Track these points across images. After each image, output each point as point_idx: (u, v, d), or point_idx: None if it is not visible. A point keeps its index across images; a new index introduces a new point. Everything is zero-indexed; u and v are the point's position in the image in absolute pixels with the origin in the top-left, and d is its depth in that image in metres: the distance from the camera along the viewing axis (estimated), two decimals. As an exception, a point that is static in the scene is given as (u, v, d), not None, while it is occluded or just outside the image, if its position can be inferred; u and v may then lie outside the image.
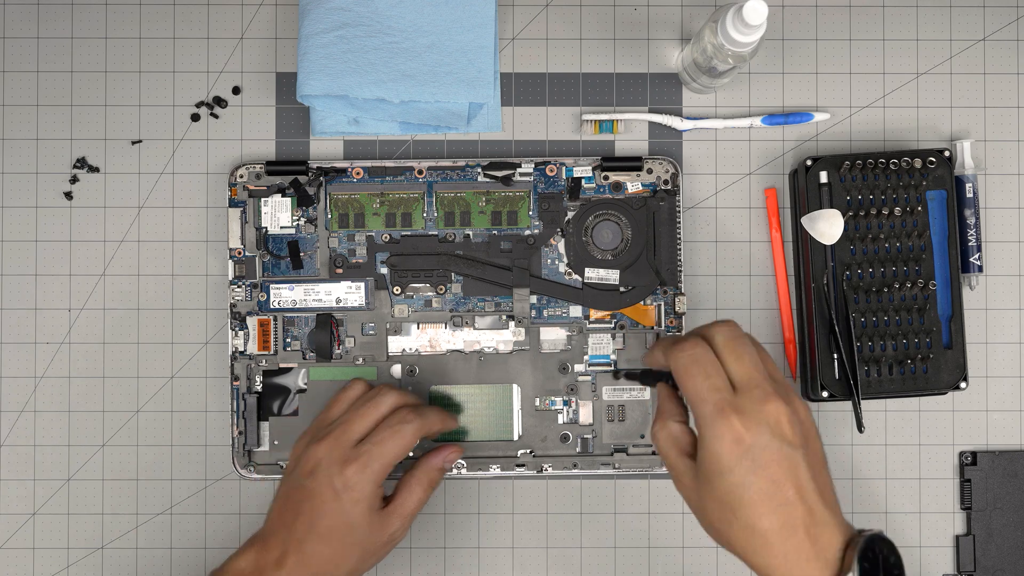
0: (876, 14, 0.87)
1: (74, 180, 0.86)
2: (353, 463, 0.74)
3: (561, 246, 0.85)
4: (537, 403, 0.85)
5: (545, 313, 0.85)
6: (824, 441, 0.85)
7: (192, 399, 0.86)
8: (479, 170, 0.85)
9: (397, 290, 0.85)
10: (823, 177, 0.83)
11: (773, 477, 0.65)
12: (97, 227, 0.86)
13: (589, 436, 0.85)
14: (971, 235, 0.85)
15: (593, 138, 0.87)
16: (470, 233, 0.85)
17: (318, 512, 0.74)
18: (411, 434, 0.76)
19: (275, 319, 0.85)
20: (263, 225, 0.85)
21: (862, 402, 0.82)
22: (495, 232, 0.85)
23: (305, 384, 0.85)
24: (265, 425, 0.85)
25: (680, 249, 0.85)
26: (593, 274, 0.85)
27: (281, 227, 0.85)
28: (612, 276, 0.85)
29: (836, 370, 0.83)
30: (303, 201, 0.85)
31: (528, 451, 0.85)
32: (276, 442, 0.85)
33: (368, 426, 0.76)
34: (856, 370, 0.82)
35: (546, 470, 0.84)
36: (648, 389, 0.85)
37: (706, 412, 0.65)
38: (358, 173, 0.85)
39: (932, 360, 0.82)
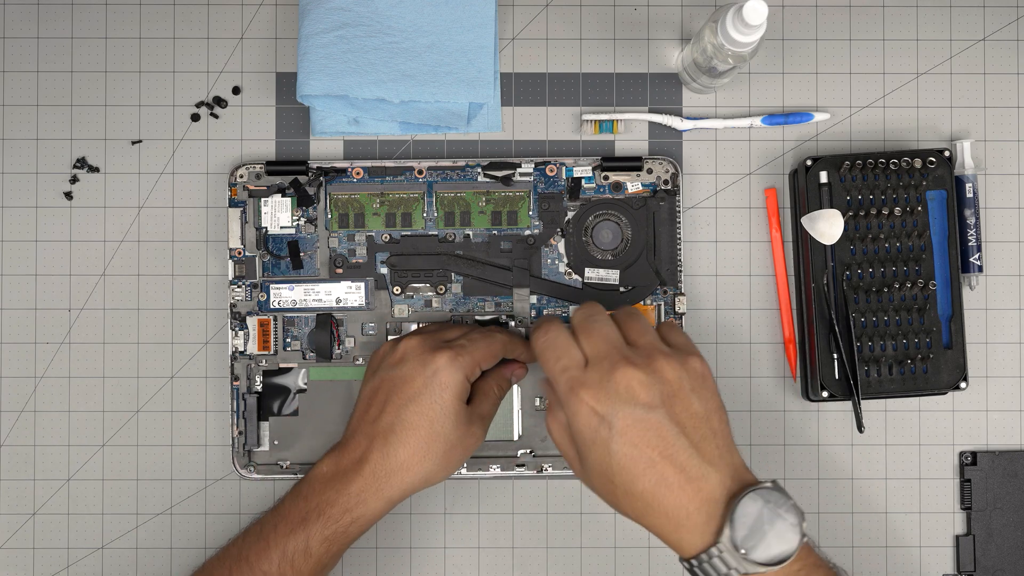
0: (876, 14, 0.87)
1: (74, 180, 0.86)
2: (445, 351, 0.74)
3: (561, 246, 0.85)
4: (537, 403, 0.85)
5: (545, 313, 0.85)
6: (824, 441, 0.86)
7: (192, 399, 0.86)
8: (479, 170, 0.85)
9: (397, 290, 0.85)
10: (823, 177, 0.83)
11: (634, 441, 0.66)
12: (97, 227, 0.86)
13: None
14: (971, 235, 0.85)
15: (593, 138, 0.87)
16: (470, 233, 0.85)
17: (407, 396, 0.73)
18: (500, 342, 0.77)
19: (275, 319, 0.85)
20: (263, 225, 0.85)
21: (862, 402, 0.82)
22: (495, 232, 0.85)
23: (305, 384, 0.85)
24: (265, 425, 0.85)
25: (680, 249, 0.85)
26: (593, 274, 0.85)
27: (281, 227, 0.85)
28: (612, 276, 0.85)
29: (836, 370, 0.83)
30: (303, 201, 0.85)
31: (528, 451, 0.85)
32: (276, 442, 0.85)
33: (460, 333, 0.77)
34: (856, 370, 0.82)
35: (546, 470, 0.84)
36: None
37: (561, 392, 0.68)
38: (358, 173, 0.85)
39: (932, 360, 0.82)
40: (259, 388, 0.85)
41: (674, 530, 0.67)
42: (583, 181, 0.85)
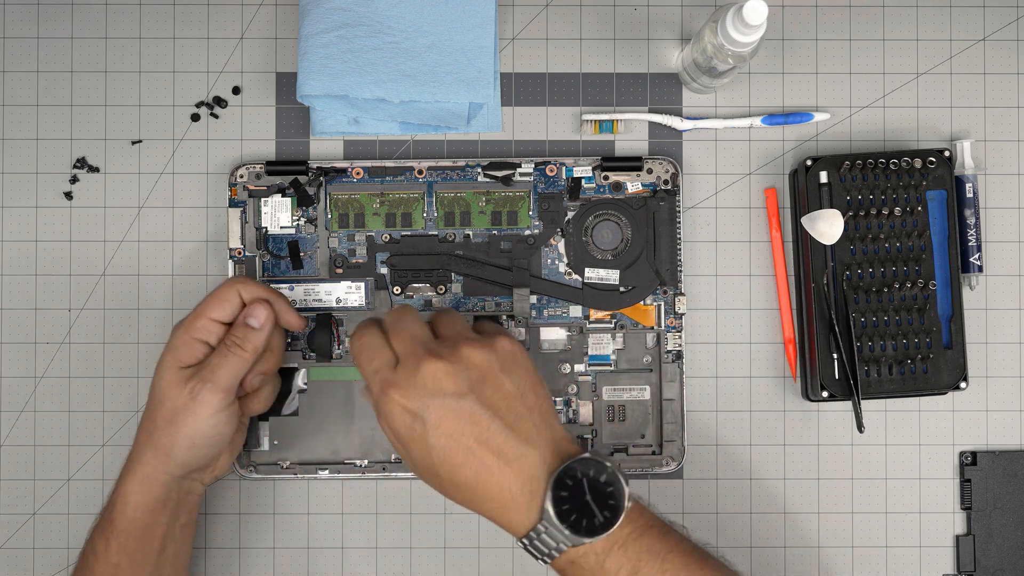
0: (876, 14, 0.87)
1: (74, 180, 0.86)
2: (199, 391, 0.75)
3: (561, 246, 0.85)
4: (537, 403, 0.85)
5: (545, 313, 0.85)
6: (824, 441, 0.86)
7: (192, 399, 0.86)
8: (479, 170, 0.85)
9: (397, 290, 0.85)
10: (823, 177, 0.83)
11: (448, 432, 0.67)
12: (97, 227, 0.86)
13: (589, 436, 0.85)
14: (971, 235, 0.85)
15: (593, 138, 0.87)
16: (470, 233, 0.85)
17: (154, 403, 0.76)
18: (251, 353, 0.76)
19: (275, 319, 0.84)
20: (263, 225, 0.85)
21: (862, 402, 0.82)
22: (495, 232, 0.85)
23: (305, 384, 0.85)
24: (265, 425, 0.85)
25: (680, 249, 0.85)
26: (593, 274, 0.85)
27: (281, 227, 0.85)
28: (612, 276, 0.85)
29: (836, 370, 0.83)
30: (303, 201, 0.85)
31: (528, 451, 0.85)
32: (276, 442, 0.85)
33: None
34: (856, 370, 0.82)
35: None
36: (647, 388, 0.84)
37: (375, 395, 0.68)
38: (358, 173, 0.85)
39: (932, 360, 0.82)
40: (259, 388, 0.85)
41: (503, 513, 0.68)
42: (583, 181, 0.85)
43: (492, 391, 0.68)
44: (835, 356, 0.83)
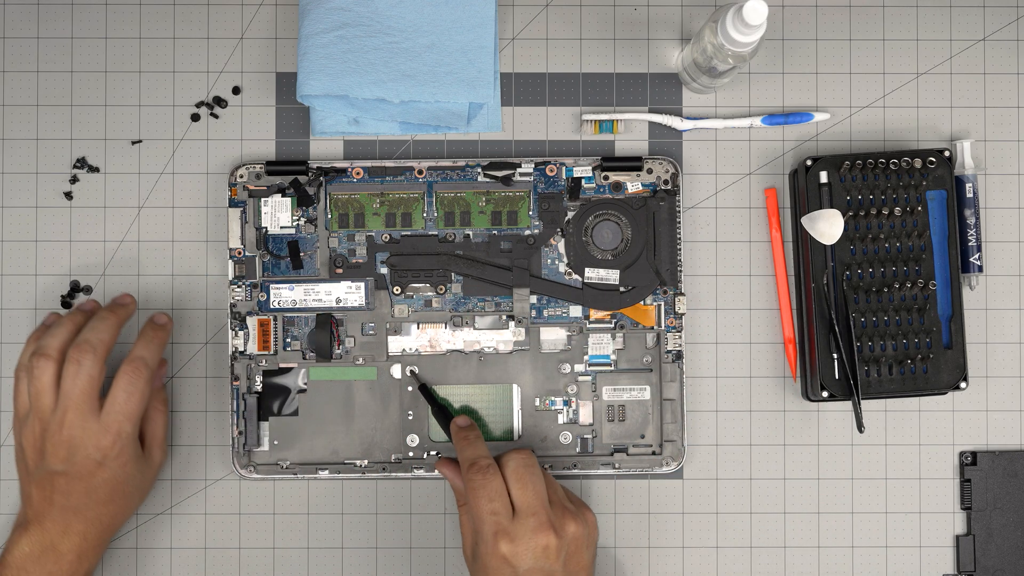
0: (876, 14, 0.87)
1: (74, 180, 0.86)
2: (107, 435, 0.77)
3: (561, 246, 0.85)
4: (537, 403, 0.85)
5: (545, 313, 0.85)
6: (824, 441, 0.86)
7: (192, 399, 0.86)
8: (479, 170, 0.85)
9: (397, 290, 0.85)
10: (823, 177, 0.83)
11: None
12: (97, 227, 0.86)
13: (589, 436, 0.85)
14: (971, 235, 0.85)
15: (593, 138, 0.87)
16: (470, 233, 0.85)
17: (91, 486, 0.77)
18: (145, 383, 0.79)
19: (275, 319, 0.85)
20: (263, 225, 0.85)
21: (862, 402, 0.82)
22: (495, 232, 0.85)
23: (305, 384, 0.85)
24: (265, 425, 0.85)
25: (680, 249, 0.85)
26: (593, 274, 0.85)
27: (281, 227, 0.85)
28: (612, 276, 0.85)
29: (836, 370, 0.83)
30: (303, 201, 0.85)
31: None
32: (276, 442, 0.85)
33: (52, 392, 0.78)
34: (856, 370, 0.82)
35: (546, 470, 0.84)
36: (647, 388, 0.84)
37: (484, 532, 0.75)
38: (358, 173, 0.85)
39: (932, 360, 0.82)
40: (259, 388, 0.85)
41: None
42: (583, 181, 0.85)
43: (574, 563, 0.76)
44: (835, 356, 0.83)
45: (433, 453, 0.85)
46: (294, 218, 0.85)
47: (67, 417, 0.77)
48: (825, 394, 0.82)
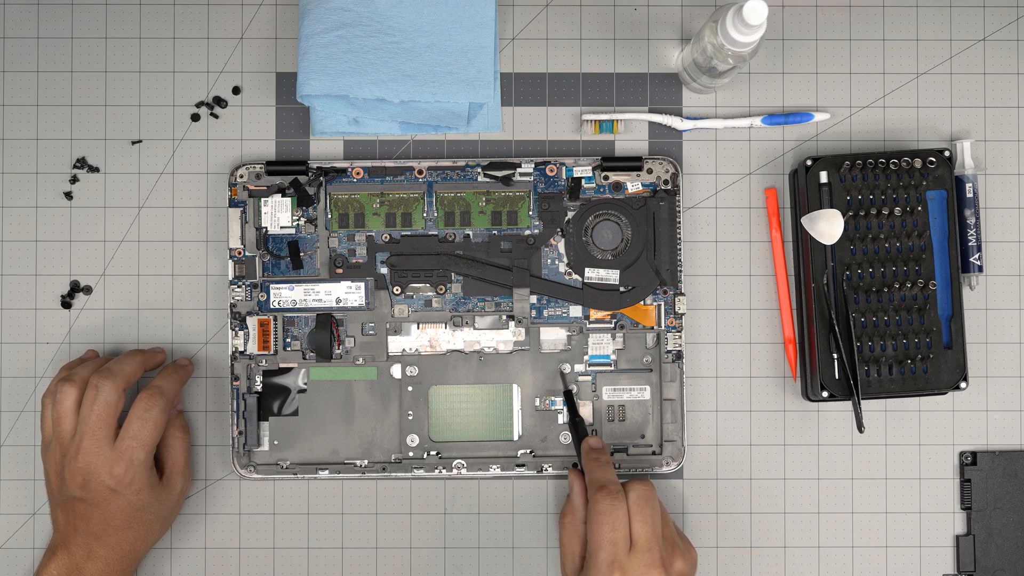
0: (876, 14, 0.87)
1: (74, 180, 0.86)
2: (120, 462, 0.78)
3: (561, 246, 0.85)
4: (537, 403, 0.85)
5: (545, 313, 0.85)
6: (824, 441, 0.86)
7: (192, 399, 0.86)
8: (479, 170, 0.85)
9: (397, 290, 0.85)
10: (823, 177, 0.83)
11: None
12: (97, 227, 0.86)
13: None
14: (971, 235, 0.85)
15: (593, 138, 0.87)
16: (470, 233, 0.85)
17: (108, 513, 0.78)
18: (160, 411, 0.80)
19: (275, 319, 0.85)
20: (263, 225, 0.85)
21: (862, 402, 0.82)
22: (495, 232, 0.85)
23: (305, 384, 0.85)
24: (265, 425, 0.85)
25: (680, 249, 0.85)
26: (593, 274, 0.85)
27: (281, 227, 0.85)
28: (612, 276, 0.85)
29: (836, 370, 0.83)
30: (303, 201, 0.85)
31: (528, 451, 0.85)
32: (276, 442, 0.85)
33: (72, 418, 0.79)
34: (856, 370, 0.82)
35: (546, 470, 0.84)
36: (647, 388, 0.84)
37: (599, 559, 0.75)
38: (358, 173, 0.85)
39: (932, 360, 0.82)
40: (259, 388, 0.85)
41: None
42: (583, 181, 0.85)
43: None
44: (835, 356, 0.83)
45: (433, 453, 0.85)
46: (294, 218, 0.85)
47: (83, 443, 0.78)
48: (825, 394, 0.82)
